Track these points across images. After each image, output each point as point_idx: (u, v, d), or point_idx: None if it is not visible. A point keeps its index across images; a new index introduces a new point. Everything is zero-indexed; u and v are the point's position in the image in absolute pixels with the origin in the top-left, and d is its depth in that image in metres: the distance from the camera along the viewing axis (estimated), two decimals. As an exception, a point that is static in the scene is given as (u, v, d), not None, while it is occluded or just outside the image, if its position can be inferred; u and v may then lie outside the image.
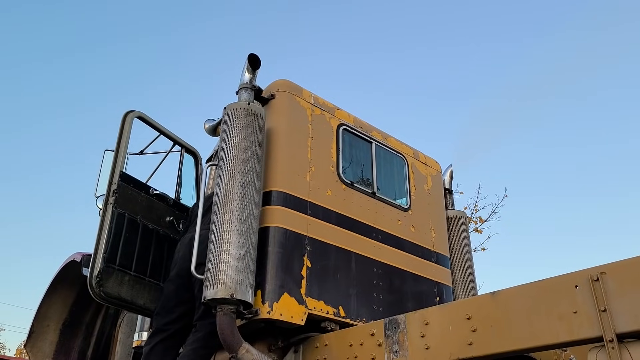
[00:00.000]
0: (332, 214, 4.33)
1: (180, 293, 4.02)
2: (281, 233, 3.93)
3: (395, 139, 5.33)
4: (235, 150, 3.85)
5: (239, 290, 3.44)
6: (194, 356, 3.75)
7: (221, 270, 3.47)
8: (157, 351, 3.95)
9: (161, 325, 4.06)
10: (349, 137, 4.83)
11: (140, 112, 4.65)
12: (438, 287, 4.94)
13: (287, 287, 3.80)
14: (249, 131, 3.94)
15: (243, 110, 4.00)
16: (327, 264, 4.13)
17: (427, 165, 5.55)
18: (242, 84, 4.25)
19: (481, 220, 12.88)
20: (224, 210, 3.68)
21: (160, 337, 4.01)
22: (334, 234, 4.26)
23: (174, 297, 4.07)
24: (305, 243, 4.04)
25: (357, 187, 4.64)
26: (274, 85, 4.52)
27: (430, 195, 5.38)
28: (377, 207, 4.74)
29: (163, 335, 4.01)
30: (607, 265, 2.52)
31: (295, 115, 4.44)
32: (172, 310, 4.05)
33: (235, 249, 3.53)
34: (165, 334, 4.01)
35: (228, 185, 3.74)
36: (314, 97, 4.67)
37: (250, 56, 4.25)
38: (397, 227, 4.82)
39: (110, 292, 4.08)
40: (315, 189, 4.29)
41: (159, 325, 4.07)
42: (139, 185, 4.56)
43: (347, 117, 4.89)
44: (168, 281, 4.20)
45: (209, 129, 4.87)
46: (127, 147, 4.47)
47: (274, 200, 4.04)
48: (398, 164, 5.22)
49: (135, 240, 4.35)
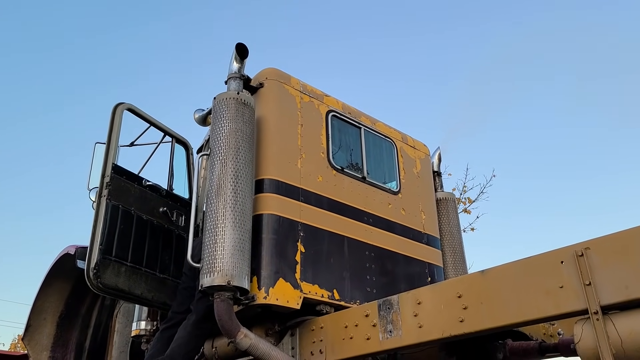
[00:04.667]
0: (323, 199, 4.40)
1: (191, 284, 4.16)
2: (274, 220, 4.00)
3: (384, 124, 5.39)
4: (226, 139, 3.89)
5: (235, 277, 3.52)
6: (188, 338, 3.88)
7: (217, 258, 3.54)
8: (163, 337, 4.14)
9: (170, 314, 4.29)
10: (338, 123, 4.89)
11: (129, 104, 4.66)
12: (429, 268, 5.05)
13: (282, 272, 3.87)
14: (240, 120, 3.98)
15: (233, 100, 4.04)
16: (321, 248, 4.21)
17: (416, 149, 5.63)
18: (231, 73, 4.28)
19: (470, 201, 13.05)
20: (217, 199, 3.74)
21: (167, 325, 4.22)
22: (326, 219, 4.34)
23: (186, 288, 4.25)
24: (299, 229, 4.11)
25: (348, 172, 4.71)
26: (263, 74, 4.55)
27: (419, 178, 5.47)
28: (368, 191, 4.82)
29: (170, 322, 4.20)
30: (591, 241, 2.62)
31: (284, 103, 4.48)
32: (184, 301, 4.22)
33: (230, 237, 3.60)
34: (172, 322, 4.19)
35: (221, 175, 3.78)
36: (302, 84, 4.71)
37: (238, 45, 4.27)
38: (387, 211, 4.90)
39: (108, 283, 4.14)
40: (307, 176, 4.35)
41: (170, 313, 4.31)
42: (132, 177, 4.59)
43: (335, 104, 4.94)
44: (183, 273, 4.42)
45: (198, 119, 4.89)
46: (118, 140, 4.49)
47: (267, 187, 4.09)
48: (387, 148, 5.29)
49: (130, 231, 4.39)
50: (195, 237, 3.99)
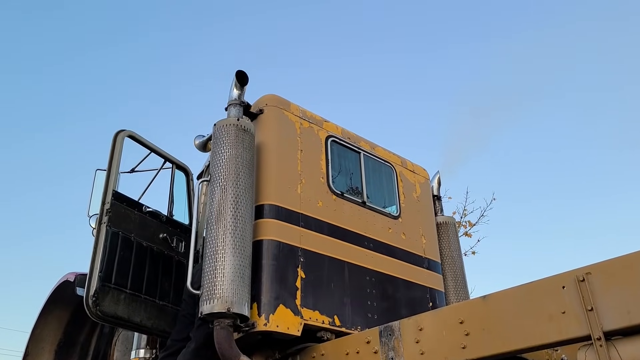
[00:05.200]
0: (323, 224, 4.39)
1: (191, 311, 4.14)
2: (274, 246, 3.99)
3: (383, 149, 5.42)
4: (226, 165, 3.91)
5: (235, 304, 3.49)
6: None
7: (217, 285, 3.52)
8: None
9: (170, 341, 4.24)
10: (338, 148, 4.92)
11: (130, 131, 4.70)
12: (431, 293, 5.02)
13: (282, 298, 3.85)
14: (240, 146, 4.01)
15: (233, 126, 4.07)
16: (321, 274, 4.19)
17: (415, 173, 5.65)
18: (231, 100, 4.33)
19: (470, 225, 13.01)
20: (217, 225, 3.74)
21: (167, 353, 4.18)
22: (326, 245, 4.33)
23: (186, 316, 4.22)
24: (299, 254, 4.10)
25: (348, 197, 4.72)
26: (262, 100, 4.60)
27: (419, 203, 5.47)
28: (368, 216, 4.81)
29: (170, 350, 4.17)
30: (592, 266, 2.61)
31: (284, 129, 4.52)
32: (183, 329, 4.19)
33: (230, 263, 3.59)
34: (172, 350, 4.15)
35: (221, 201, 3.79)
36: (301, 110, 4.75)
37: (238, 73, 4.33)
38: (388, 235, 4.90)
39: (107, 310, 4.11)
40: (307, 201, 4.36)
41: (169, 341, 4.26)
42: (132, 203, 4.59)
43: (335, 129, 4.98)
44: (183, 300, 4.39)
45: (199, 145, 4.93)
46: (119, 166, 4.51)
47: (267, 213, 4.10)
48: (386, 172, 5.31)
49: (130, 258, 4.38)
50: (195, 264, 3.98)
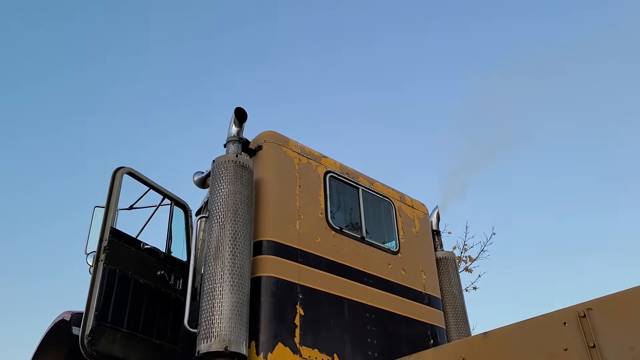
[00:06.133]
0: (322, 260, 4.37)
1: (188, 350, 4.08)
2: (273, 282, 3.96)
3: (382, 184, 5.44)
4: (225, 202, 3.92)
5: (233, 343, 3.44)
6: None
7: (214, 323, 3.48)
8: None
9: None
10: (336, 184, 4.93)
11: (129, 168, 4.73)
12: (431, 330, 4.95)
13: (280, 336, 3.79)
14: (238, 183, 4.03)
15: (231, 163, 4.10)
16: (320, 311, 4.14)
17: (414, 208, 5.65)
18: (230, 136, 4.37)
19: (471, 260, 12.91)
20: (215, 262, 3.72)
21: None
22: (325, 281, 4.29)
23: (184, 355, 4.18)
24: (298, 291, 4.06)
25: (346, 232, 4.71)
26: (261, 137, 4.64)
27: (418, 238, 5.45)
28: (367, 251, 4.79)
29: None
30: (593, 301, 2.59)
31: (282, 165, 4.54)
32: None
33: (228, 301, 3.55)
34: None
35: (219, 237, 3.78)
36: (300, 146, 4.79)
37: (237, 110, 4.39)
38: (387, 271, 4.86)
39: (103, 350, 4.04)
40: (305, 237, 4.34)
41: None
42: (130, 240, 4.58)
43: (333, 165, 5.01)
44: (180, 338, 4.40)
45: (198, 182, 4.94)
46: (118, 203, 4.52)
47: (265, 249, 4.08)
48: (385, 208, 5.31)
49: (127, 296, 4.33)
50: (192, 301, 3.94)
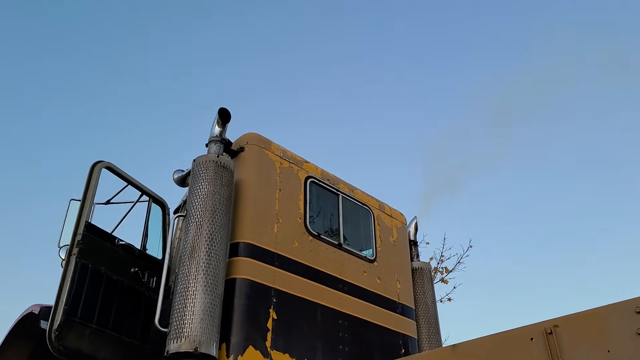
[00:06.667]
0: (298, 265, 4.37)
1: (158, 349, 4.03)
2: (247, 285, 3.95)
3: (362, 191, 5.46)
4: (203, 202, 3.90)
5: (203, 344, 3.42)
6: None
7: (186, 323, 3.45)
8: None
9: None
10: (317, 189, 4.94)
11: (108, 163, 4.67)
12: (403, 339, 4.97)
13: (252, 339, 3.78)
14: (218, 183, 4.01)
15: (212, 163, 4.08)
16: (293, 316, 4.13)
17: (393, 217, 5.68)
18: (212, 136, 4.36)
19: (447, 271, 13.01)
20: (190, 261, 3.70)
21: None
22: (300, 286, 4.29)
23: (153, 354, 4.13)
24: (272, 295, 4.05)
25: (324, 238, 4.71)
26: (244, 139, 4.63)
27: (395, 247, 5.48)
28: (344, 258, 4.80)
29: None
30: (560, 319, 2.63)
31: (264, 167, 4.54)
32: None
33: (200, 301, 3.53)
34: None
35: (195, 237, 3.76)
36: (282, 150, 4.79)
37: (221, 110, 4.37)
38: (362, 279, 4.88)
39: (70, 345, 3.97)
40: (283, 241, 4.34)
41: None
42: (104, 235, 4.52)
43: (314, 170, 5.02)
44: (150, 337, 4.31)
45: (177, 180, 4.91)
46: (94, 197, 4.46)
47: (241, 251, 4.07)
48: (364, 216, 5.33)
49: (98, 292, 4.27)
50: (165, 300, 3.90)
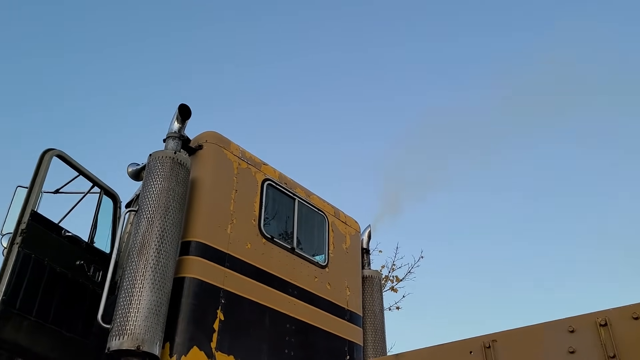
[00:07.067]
0: (250, 267, 4.35)
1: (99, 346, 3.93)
2: (196, 284, 3.91)
3: (318, 197, 5.50)
4: (157, 198, 3.84)
5: (147, 342, 3.37)
6: None
7: (129, 320, 3.39)
8: None
9: None
10: (273, 192, 4.94)
11: (60, 151, 4.54)
12: (349, 346, 5.02)
13: (197, 340, 3.74)
14: (173, 180, 3.96)
15: (169, 159, 4.03)
16: (241, 318, 4.12)
17: (347, 225, 5.74)
18: (170, 132, 4.30)
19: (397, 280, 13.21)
20: (139, 258, 3.63)
21: None
22: (250, 288, 4.28)
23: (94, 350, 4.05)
24: (220, 296, 4.02)
25: (277, 242, 4.72)
26: (203, 137, 4.59)
27: (347, 254, 5.54)
28: (295, 262, 4.82)
29: None
30: (498, 334, 2.73)
31: (221, 167, 4.51)
32: None
33: (146, 299, 3.47)
34: None
35: (146, 233, 3.70)
36: (241, 150, 4.77)
37: (181, 106, 4.32)
38: (313, 284, 4.90)
39: (6, 337, 3.83)
40: (235, 242, 4.32)
41: None
42: (51, 225, 4.38)
43: (272, 173, 5.02)
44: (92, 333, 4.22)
45: (131, 173, 4.82)
46: (42, 186, 4.32)
47: (192, 250, 4.02)
48: (319, 221, 5.37)
49: (40, 283, 4.14)
50: (110, 295, 3.82)
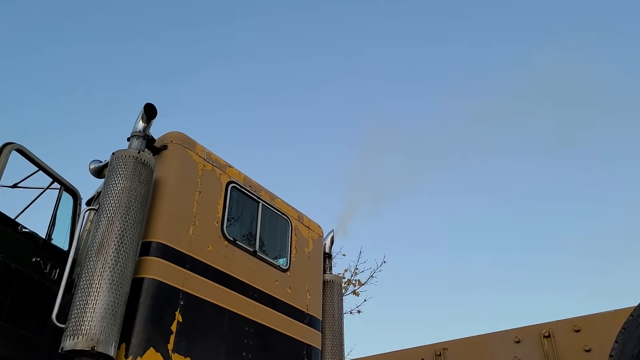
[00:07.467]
0: (210, 269, 4.35)
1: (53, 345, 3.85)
2: (155, 285, 3.89)
3: (282, 201, 5.53)
4: (118, 197, 3.81)
5: (102, 343, 3.34)
6: None
7: (85, 320, 3.36)
8: None
9: None
10: (237, 195, 4.95)
11: (19, 145, 4.44)
12: (307, 349, 5.07)
13: (153, 341, 3.72)
14: (136, 180, 3.93)
15: (132, 158, 4.00)
16: (200, 320, 4.11)
17: (310, 229, 5.79)
18: (135, 131, 4.26)
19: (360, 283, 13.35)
20: (97, 257, 3.60)
21: None
22: (210, 290, 4.28)
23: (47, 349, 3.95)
24: (180, 297, 4.01)
25: (239, 244, 4.73)
26: (168, 137, 4.57)
27: (309, 259, 5.59)
28: (257, 266, 4.84)
29: None
30: (449, 342, 2.83)
31: (185, 168, 4.50)
32: None
33: (103, 299, 3.44)
34: None
35: (105, 233, 3.67)
36: (207, 152, 4.77)
37: (147, 105, 4.29)
38: (274, 287, 4.93)
39: (-46, 335, 3.73)
40: (197, 244, 4.31)
41: None
42: (6, 220, 4.29)
43: (237, 175, 5.03)
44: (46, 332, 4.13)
45: (93, 170, 4.75)
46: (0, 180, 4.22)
47: (152, 251, 4.00)
48: (282, 225, 5.40)
49: (-7, 280, 4.05)
50: (66, 294, 3.76)
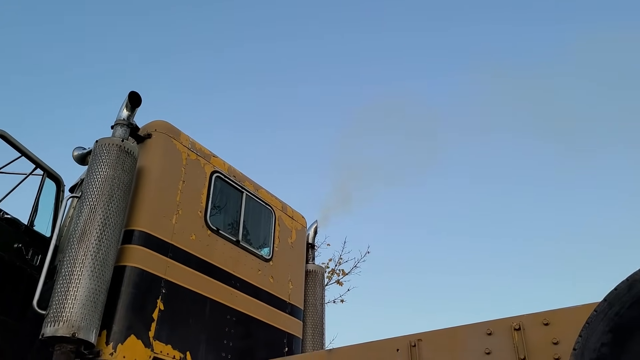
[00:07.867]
0: (193, 258, 4.39)
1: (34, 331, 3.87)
2: (137, 273, 3.92)
3: (266, 191, 5.56)
4: (101, 185, 3.82)
5: (82, 329, 3.36)
6: None
7: (66, 307, 3.38)
8: None
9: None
10: (221, 185, 4.98)
11: (2, 131, 4.42)
12: (288, 338, 5.14)
13: (135, 328, 3.76)
14: (119, 168, 3.94)
15: (115, 147, 4.00)
16: (181, 308, 4.15)
17: (294, 220, 5.84)
18: (119, 119, 4.26)
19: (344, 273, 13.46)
20: (79, 244, 3.61)
21: None
22: (192, 279, 4.31)
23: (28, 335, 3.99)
24: (162, 285, 4.05)
25: (222, 234, 4.76)
26: (152, 125, 4.57)
27: (292, 249, 5.64)
28: (240, 255, 4.88)
29: None
30: (424, 333, 2.90)
31: (169, 157, 4.51)
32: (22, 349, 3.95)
33: (85, 286, 3.46)
34: None
35: (88, 220, 3.68)
36: (191, 141, 4.78)
37: (131, 94, 4.29)
38: (256, 277, 4.98)
39: None
40: (180, 232, 4.34)
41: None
42: (-12, 206, 4.28)
43: (222, 165, 5.05)
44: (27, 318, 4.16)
45: (77, 157, 4.75)
46: (-19, 165, 4.21)
47: (135, 239, 4.02)
48: (266, 215, 5.44)
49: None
50: (48, 280, 3.78)
